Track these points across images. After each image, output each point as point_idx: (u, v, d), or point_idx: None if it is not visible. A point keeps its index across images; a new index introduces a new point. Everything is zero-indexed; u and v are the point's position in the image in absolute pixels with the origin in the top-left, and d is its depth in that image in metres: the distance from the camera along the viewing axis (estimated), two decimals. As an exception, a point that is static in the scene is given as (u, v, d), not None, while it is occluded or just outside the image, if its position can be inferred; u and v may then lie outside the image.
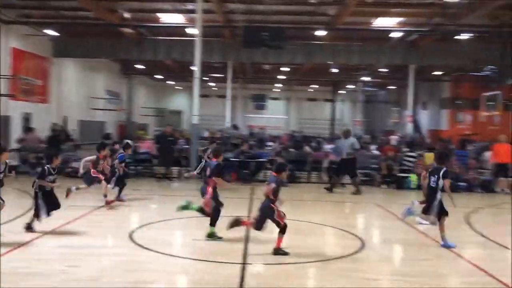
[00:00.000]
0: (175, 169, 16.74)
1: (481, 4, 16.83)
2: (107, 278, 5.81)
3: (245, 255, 6.97)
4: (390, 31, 21.02)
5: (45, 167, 7.86)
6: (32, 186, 7.84)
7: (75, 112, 26.19)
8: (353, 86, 40.14)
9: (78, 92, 27.02)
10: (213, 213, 7.71)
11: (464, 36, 20.87)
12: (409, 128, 27.41)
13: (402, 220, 9.11)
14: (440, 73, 30.49)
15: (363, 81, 35.74)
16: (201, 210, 7.87)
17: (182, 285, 6.15)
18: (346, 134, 14.93)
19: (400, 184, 15.44)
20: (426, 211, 8.00)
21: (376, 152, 18.22)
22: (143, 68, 32.62)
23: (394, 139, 24.03)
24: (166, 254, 6.88)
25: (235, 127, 29.22)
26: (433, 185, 7.82)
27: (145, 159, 16.70)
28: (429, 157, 16.73)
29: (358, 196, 13.70)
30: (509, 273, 6.55)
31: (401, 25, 20.62)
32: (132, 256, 6.76)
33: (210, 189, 7.63)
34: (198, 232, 8.44)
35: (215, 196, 7.72)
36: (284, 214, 7.03)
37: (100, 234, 7.96)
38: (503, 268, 6.81)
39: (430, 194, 7.88)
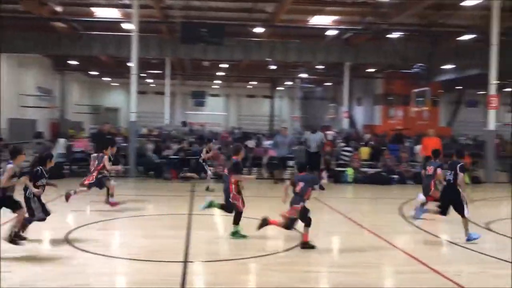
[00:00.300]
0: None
1: (411, 4, 17.61)
2: (42, 282, 5.59)
3: (186, 253, 6.92)
4: (326, 29, 21.54)
5: (38, 168, 7.20)
6: (25, 190, 7.17)
7: (3, 110, 24.86)
8: (291, 83, 40.75)
9: (6, 89, 25.64)
10: (236, 212, 7.73)
11: (395, 35, 21.76)
12: (345, 123, 28.24)
13: (413, 219, 9.20)
14: (373, 70, 31.61)
15: (301, 78, 36.39)
16: (222, 207, 7.86)
17: (122, 286, 6.02)
18: (314, 129, 15.69)
19: (338, 178, 15.90)
20: (443, 211, 8.05)
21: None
22: (77, 64, 31.50)
23: (330, 134, 24.64)
24: (105, 255, 6.70)
25: (184, 124, 28.93)
26: (451, 181, 7.87)
27: (80, 158, 16.14)
28: (364, 152, 17.38)
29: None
30: (440, 260, 6.94)
31: (336, 23, 21.18)
32: (69, 259, 6.53)
33: (232, 186, 7.66)
34: (138, 231, 8.30)
35: (239, 192, 7.76)
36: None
37: (35, 236, 7.62)
38: (435, 256, 7.19)
39: (447, 190, 7.99)
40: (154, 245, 7.36)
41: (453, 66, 25.38)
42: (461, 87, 35.78)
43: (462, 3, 16.92)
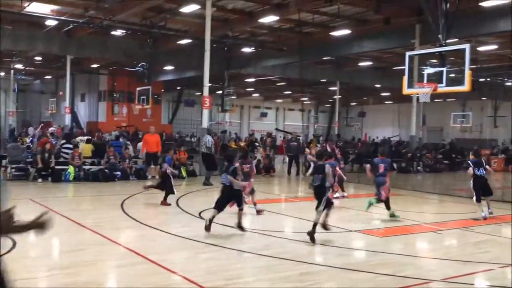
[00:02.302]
0: None
1: (133, 4, 18.01)
2: None
3: None
4: (45, 18, 20.18)
5: (235, 166, 8.05)
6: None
7: None
8: (3, 74, 36.80)
9: None
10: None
11: (119, 32, 21.90)
12: (67, 119, 27.07)
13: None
14: (97, 65, 31.10)
15: (16, 69, 33.20)
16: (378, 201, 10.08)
17: None
18: (208, 131, 17.00)
19: (58, 177, 15.11)
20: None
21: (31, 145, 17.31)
22: None
23: (50, 130, 23.29)
24: None
25: None
26: (483, 174, 10.10)
27: None
28: (87, 149, 17.04)
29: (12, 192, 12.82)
30: (156, 250, 7.38)
31: (55, 13, 20.04)
32: None
33: (388, 179, 9.98)
34: None
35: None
36: None
37: None
38: (152, 247, 7.60)
39: (485, 182, 10.13)
40: None
41: (173, 67, 27.02)
42: (180, 87, 38.39)
43: (181, 9, 18.14)
